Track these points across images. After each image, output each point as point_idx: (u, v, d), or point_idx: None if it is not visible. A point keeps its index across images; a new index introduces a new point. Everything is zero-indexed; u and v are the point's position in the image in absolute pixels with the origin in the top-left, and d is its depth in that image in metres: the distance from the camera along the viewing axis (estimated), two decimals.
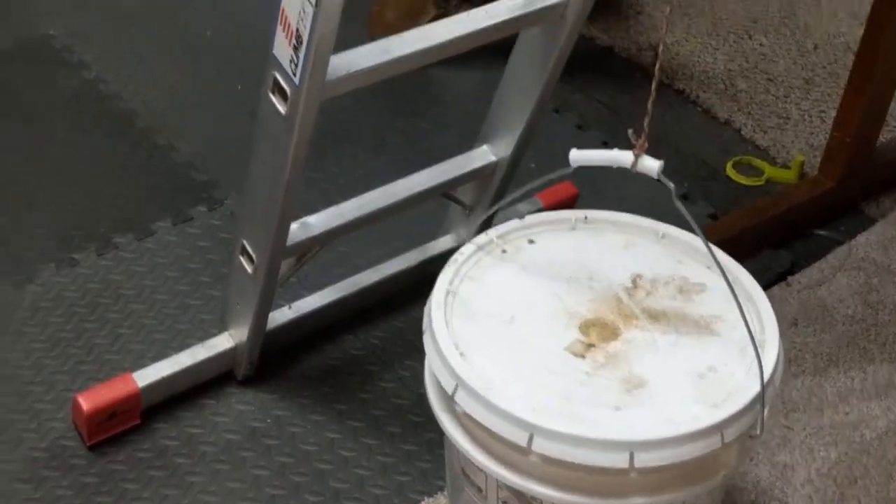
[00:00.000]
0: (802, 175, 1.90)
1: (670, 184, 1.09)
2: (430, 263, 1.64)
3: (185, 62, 2.06)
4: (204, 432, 1.45)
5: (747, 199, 1.88)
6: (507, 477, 1.03)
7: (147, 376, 1.44)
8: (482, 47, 1.32)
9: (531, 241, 1.18)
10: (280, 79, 1.18)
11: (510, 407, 0.98)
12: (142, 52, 2.07)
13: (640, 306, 1.13)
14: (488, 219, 1.63)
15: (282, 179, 1.25)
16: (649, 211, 1.30)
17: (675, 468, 1.01)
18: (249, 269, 1.38)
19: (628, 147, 2.01)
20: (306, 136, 1.22)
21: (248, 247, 1.37)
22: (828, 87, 2.10)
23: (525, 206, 1.75)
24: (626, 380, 1.04)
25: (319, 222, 1.42)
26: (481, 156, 1.54)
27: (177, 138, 1.89)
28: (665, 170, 1.90)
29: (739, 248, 1.73)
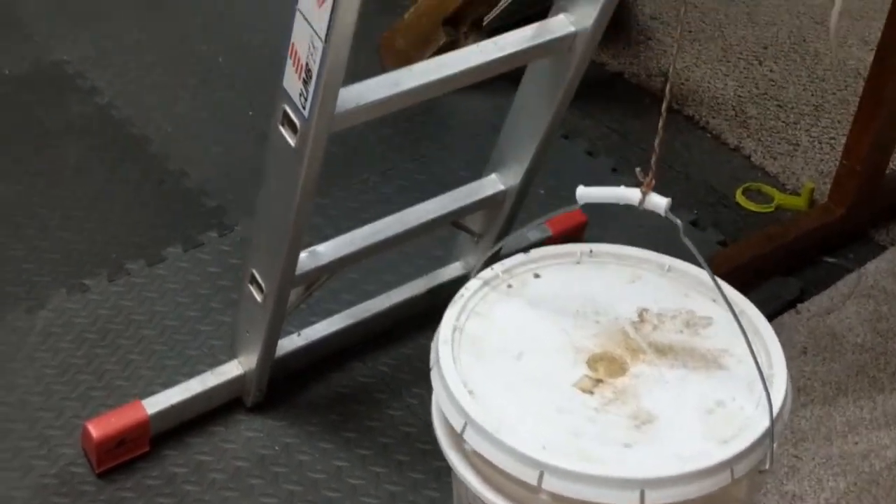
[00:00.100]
0: (812, 202, 1.90)
1: (678, 221, 1.09)
2: (438, 291, 1.64)
3: (196, 88, 2.08)
4: (213, 459, 1.45)
5: (757, 225, 1.88)
6: None
7: (156, 403, 1.44)
8: None
9: (537, 276, 1.18)
10: (290, 111, 1.19)
11: (520, 445, 0.98)
12: (154, 77, 2.08)
13: (647, 340, 1.13)
14: (498, 244, 1.64)
15: (291, 210, 1.26)
16: (658, 236, 1.29)
17: None
18: (259, 297, 1.38)
19: (637, 174, 2.02)
20: (316, 168, 1.22)
21: (257, 276, 1.38)
22: (838, 113, 2.10)
23: (534, 234, 1.76)
24: (635, 416, 1.04)
25: (329, 251, 1.42)
26: (490, 184, 1.55)
27: (188, 164, 1.91)
28: (674, 196, 1.90)
29: (749, 276, 1.75)
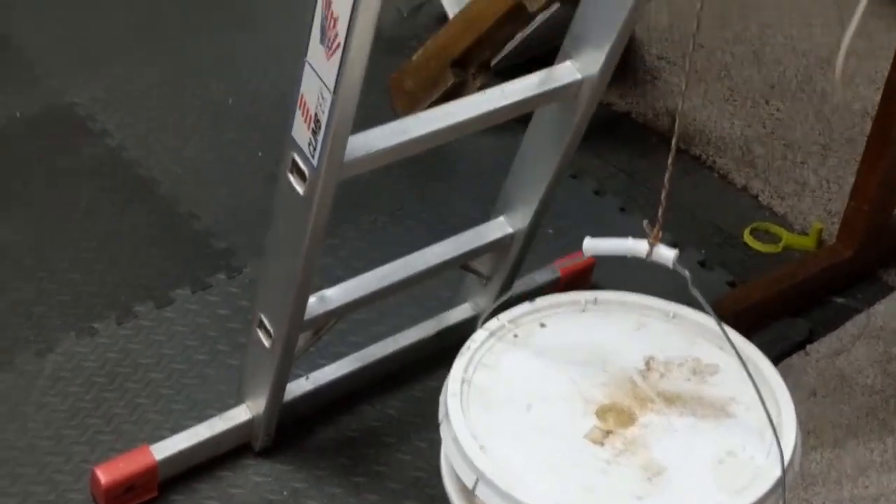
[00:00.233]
0: (821, 242, 1.91)
1: (686, 272, 1.10)
2: (447, 333, 1.64)
3: (206, 130, 2.09)
4: None
5: (765, 266, 1.88)
6: None
7: (164, 449, 1.44)
8: None
9: (542, 325, 1.18)
10: (298, 160, 1.20)
11: (534, 501, 0.98)
12: (164, 119, 2.10)
13: (655, 389, 1.13)
14: (506, 289, 1.64)
15: (300, 257, 1.26)
16: (667, 276, 1.28)
17: None
18: (267, 343, 1.39)
19: (645, 212, 2.03)
20: (324, 215, 1.23)
21: (265, 321, 1.38)
22: (845, 153, 2.10)
23: (542, 275, 1.76)
24: (646, 467, 1.04)
25: (337, 296, 1.43)
26: (498, 228, 1.55)
27: (197, 206, 1.92)
28: (682, 236, 1.93)
29: (757, 317, 1.75)
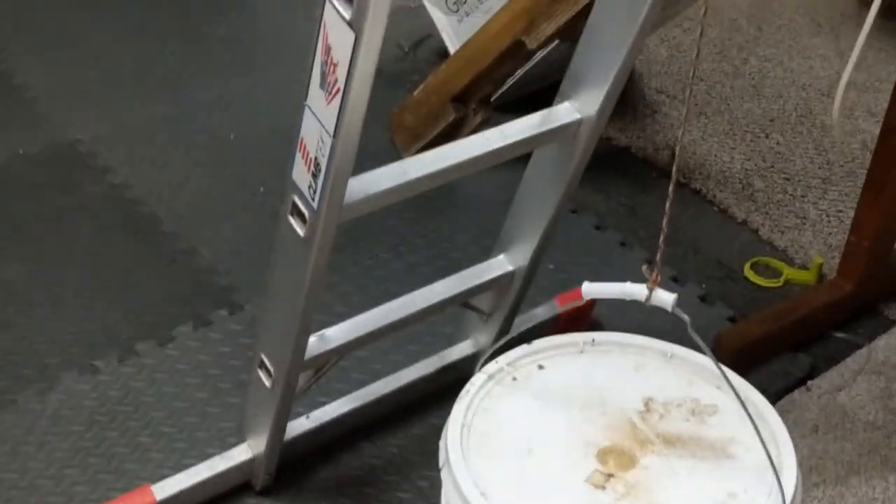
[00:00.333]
0: (821, 276, 1.91)
1: (685, 316, 1.10)
2: (448, 370, 1.64)
3: (208, 166, 2.10)
4: None
5: (766, 300, 1.88)
6: None
7: (166, 488, 1.44)
8: None
9: (541, 367, 1.18)
10: (299, 203, 1.20)
11: None
12: (166, 156, 2.11)
13: (655, 431, 1.13)
14: (507, 326, 1.65)
15: (300, 298, 1.27)
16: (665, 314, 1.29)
17: None
18: (267, 383, 1.39)
19: (646, 246, 2.03)
20: (324, 257, 1.23)
21: (266, 360, 1.38)
22: (845, 186, 2.11)
23: (542, 311, 1.76)
24: None
25: (337, 335, 1.43)
26: (498, 265, 1.55)
27: (199, 242, 1.92)
28: (682, 270, 1.93)
29: (758, 352, 1.75)
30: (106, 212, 1.98)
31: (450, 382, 1.61)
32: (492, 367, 1.17)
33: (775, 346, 1.76)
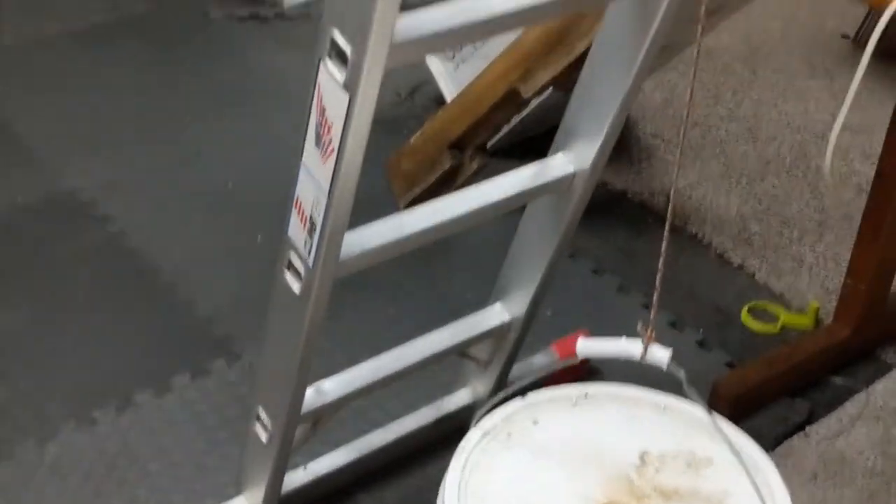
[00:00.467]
0: (818, 321, 1.91)
1: (680, 373, 1.10)
2: (445, 420, 1.64)
3: (206, 214, 2.11)
4: None
5: (763, 345, 1.88)
6: None
7: None
8: None
9: (535, 422, 1.18)
10: (294, 259, 1.21)
11: None
12: (165, 205, 2.12)
13: (652, 484, 1.12)
14: (504, 374, 1.65)
15: (296, 353, 1.27)
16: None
17: None
18: (264, 436, 1.39)
19: (643, 291, 2.03)
20: (320, 313, 1.24)
21: (263, 414, 1.38)
22: (841, 229, 2.12)
23: (540, 359, 1.77)
24: None
25: (334, 388, 1.43)
26: (496, 315, 1.56)
27: (197, 291, 1.93)
28: (680, 315, 1.94)
29: (756, 399, 1.75)
30: (104, 261, 1.98)
31: (448, 432, 1.61)
32: (487, 422, 1.17)
33: (773, 392, 1.76)
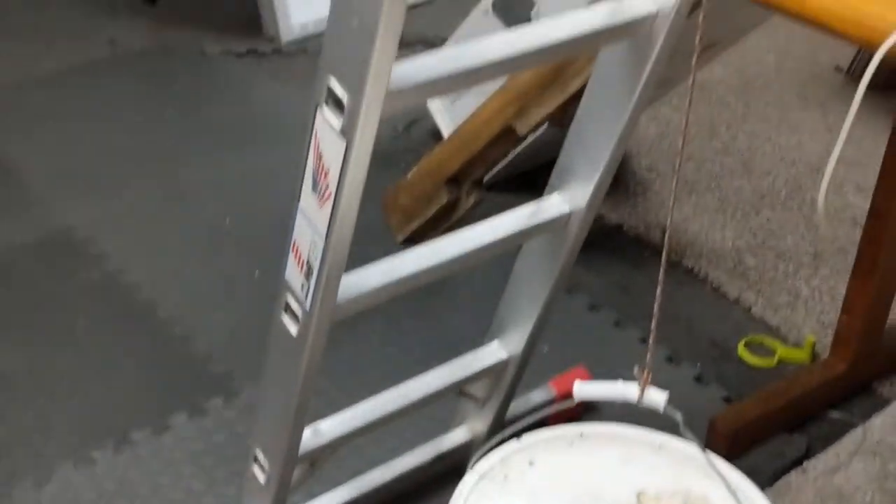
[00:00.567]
0: (815, 355, 1.91)
1: (677, 415, 1.11)
2: (443, 458, 1.64)
3: (203, 251, 2.11)
4: None
5: (760, 380, 1.89)
6: None
7: None
8: None
9: (531, 463, 1.18)
10: (292, 302, 1.21)
11: None
12: (162, 241, 2.12)
13: None
14: (502, 412, 1.65)
15: (293, 396, 1.27)
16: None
17: None
18: (262, 478, 1.39)
19: (640, 326, 2.03)
20: (317, 355, 1.24)
21: (260, 456, 1.38)
22: (836, 262, 2.13)
23: (538, 395, 1.77)
24: None
25: (332, 428, 1.43)
26: (492, 353, 1.56)
27: (195, 328, 1.93)
28: (677, 350, 1.94)
29: (753, 434, 1.75)
30: (101, 299, 1.99)
31: (445, 471, 1.61)
32: (483, 465, 1.17)
33: (770, 427, 1.77)
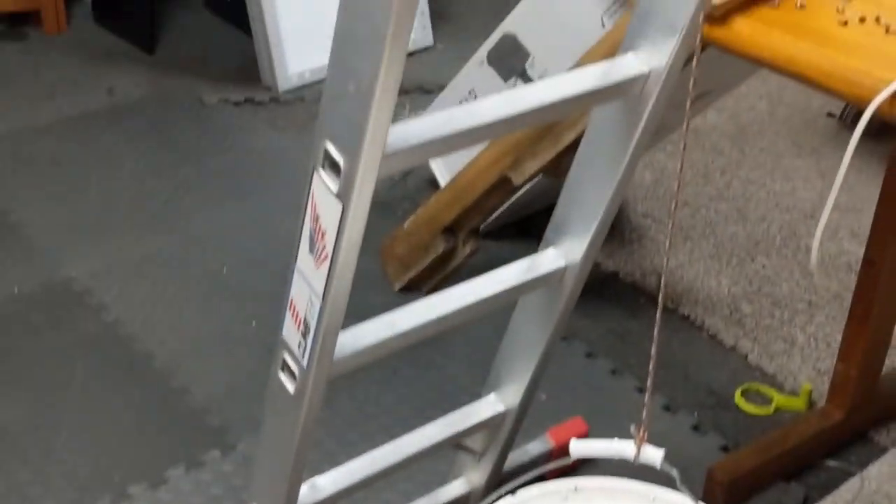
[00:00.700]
0: (811, 403, 1.92)
1: (674, 472, 1.11)
2: None
3: (201, 300, 2.12)
4: None
5: (757, 428, 1.89)
6: None
7: None
8: None
9: None
10: (289, 360, 1.22)
11: None
12: (160, 292, 2.13)
13: None
14: (499, 464, 1.65)
15: (290, 453, 1.28)
16: (658, 440, 1.29)
17: None
18: None
19: (637, 375, 2.04)
20: (314, 412, 1.25)
21: None
22: (831, 309, 2.14)
23: (536, 446, 1.77)
24: None
25: (329, 484, 1.43)
26: (489, 406, 1.56)
27: (192, 380, 1.93)
28: (674, 398, 1.94)
29: (751, 484, 1.75)
30: (100, 350, 1.99)
31: None
32: None
33: (768, 477, 1.77)
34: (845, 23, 1.34)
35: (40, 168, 2.48)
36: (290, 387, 1.23)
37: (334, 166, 1.05)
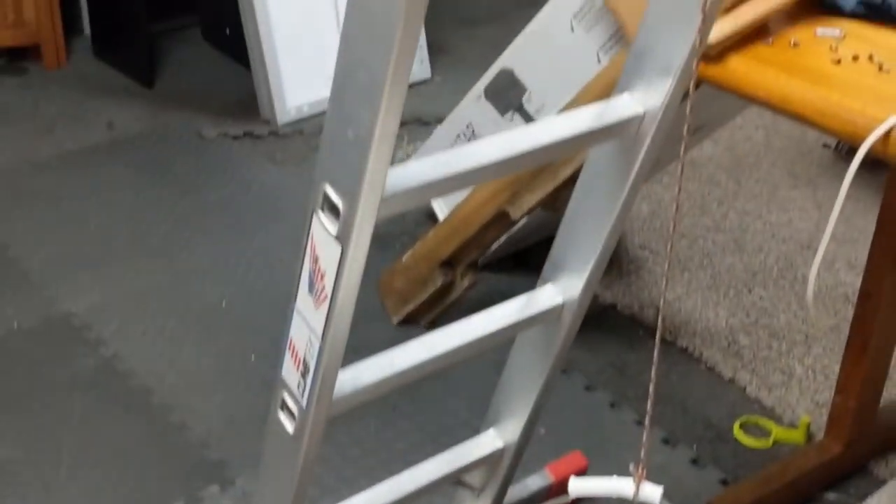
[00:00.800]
0: (810, 436, 1.92)
1: None
2: None
3: (200, 334, 2.12)
4: None
5: (756, 461, 1.89)
6: None
7: None
8: None
9: None
10: (288, 400, 1.22)
11: None
12: (159, 326, 2.13)
13: None
14: (499, 500, 1.65)
15: (290, 491, 1.28)
16: (658, 473, 1.29)
17: None
18: None
19: (636, 408, 2.04)
20: (314, 451, 1.25)
21: None
22: (829, 340, 2.14)
23: (535, 481, 1.77)
24: None
25: None
26: (488, 442, 1.56)
27: (191, 415, 1.93)
28: (673, 432, 1.95)
29: None
30: (98, 386, 1.99)
31: None
32: None
33: None
34: (839, 61, 1.35)
35: (40, 202, 2.49)
36: (290, 426, 1.23)
37: (333, 209, 1.05)
